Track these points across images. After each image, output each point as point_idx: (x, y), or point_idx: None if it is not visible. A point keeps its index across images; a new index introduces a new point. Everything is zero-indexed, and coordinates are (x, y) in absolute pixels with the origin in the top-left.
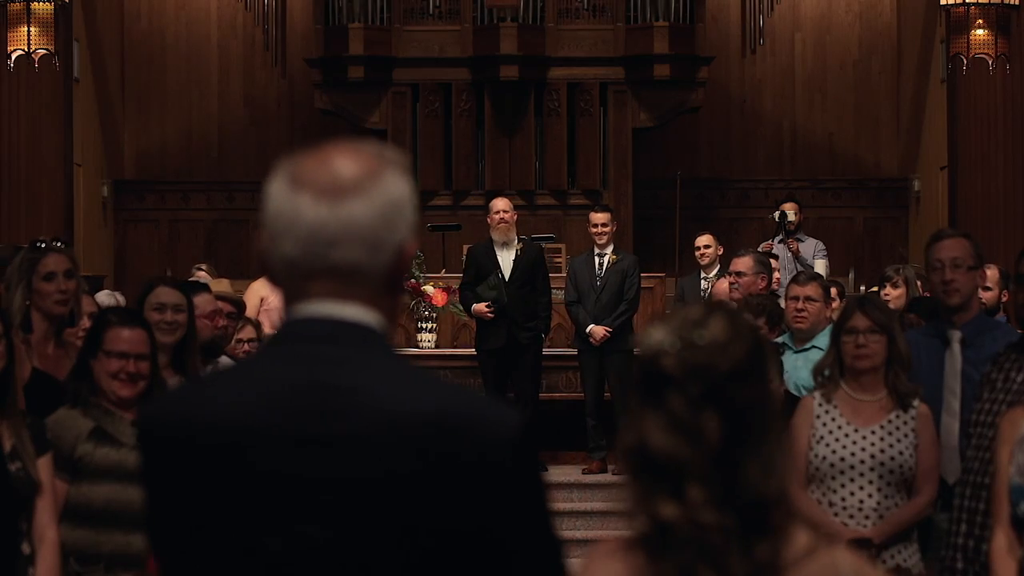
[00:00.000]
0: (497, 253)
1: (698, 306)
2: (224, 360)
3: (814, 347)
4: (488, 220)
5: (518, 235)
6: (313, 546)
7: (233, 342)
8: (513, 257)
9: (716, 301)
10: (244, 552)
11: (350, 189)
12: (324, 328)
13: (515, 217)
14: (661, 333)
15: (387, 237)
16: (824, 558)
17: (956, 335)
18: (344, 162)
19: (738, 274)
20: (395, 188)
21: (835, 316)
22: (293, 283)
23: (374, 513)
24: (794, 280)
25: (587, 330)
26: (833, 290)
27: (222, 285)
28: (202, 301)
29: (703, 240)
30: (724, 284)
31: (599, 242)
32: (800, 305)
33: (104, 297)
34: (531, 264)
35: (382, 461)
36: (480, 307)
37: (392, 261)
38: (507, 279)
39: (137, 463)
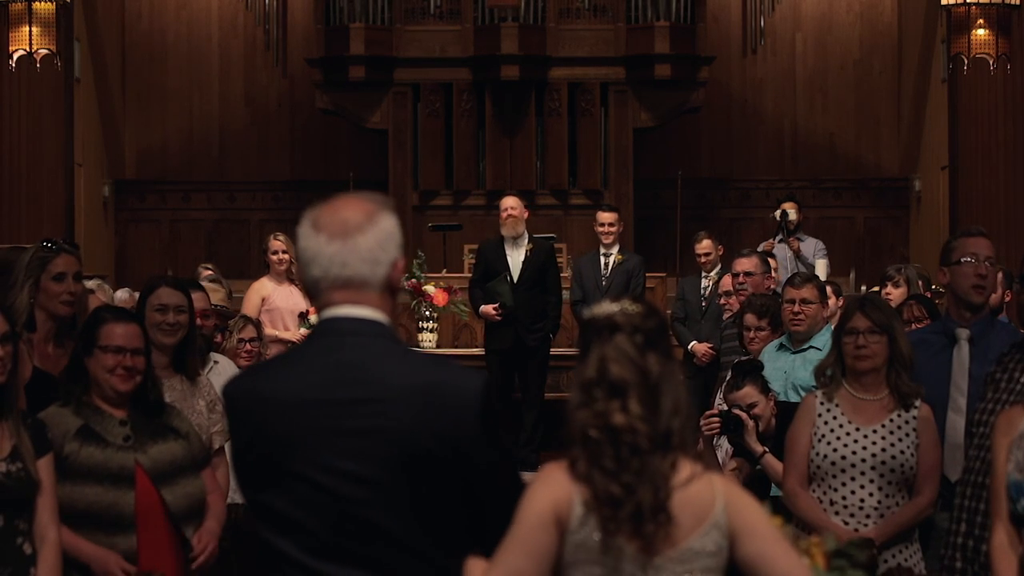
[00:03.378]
0: (507, 252)
1: (620, 297)
2: (220, 360)
3: (811, 347)
4: (499, 219)
5: (528, 232)
6: (349, 477)
7: (236, 342)
8: (523, 258)
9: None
10: (303, 484)
11: (354, 228)
12: (346, 325)
13: (525, 213)
14: (607, 305)
15: (382, 256)
16: (703, 481)
17: (964, 333)
18: (348, 211)
19: (747, 274)
20: (386, 223)
21: (832, 316)
22: (321, 295)
23: (388, 451)
24: (789, 283)
25: None
26: (828, 288)
27: (218, 295)
28: (194, 299)
29: (703, 247)
30: (727, 277)
31: (605, 241)
32: (796, 308)
33: (122, 295)
34: (541, 265)
35: (389, 415)
36: (488, 309)
37: (388, 272)
38: (515, 280)
39: (121, 464)
